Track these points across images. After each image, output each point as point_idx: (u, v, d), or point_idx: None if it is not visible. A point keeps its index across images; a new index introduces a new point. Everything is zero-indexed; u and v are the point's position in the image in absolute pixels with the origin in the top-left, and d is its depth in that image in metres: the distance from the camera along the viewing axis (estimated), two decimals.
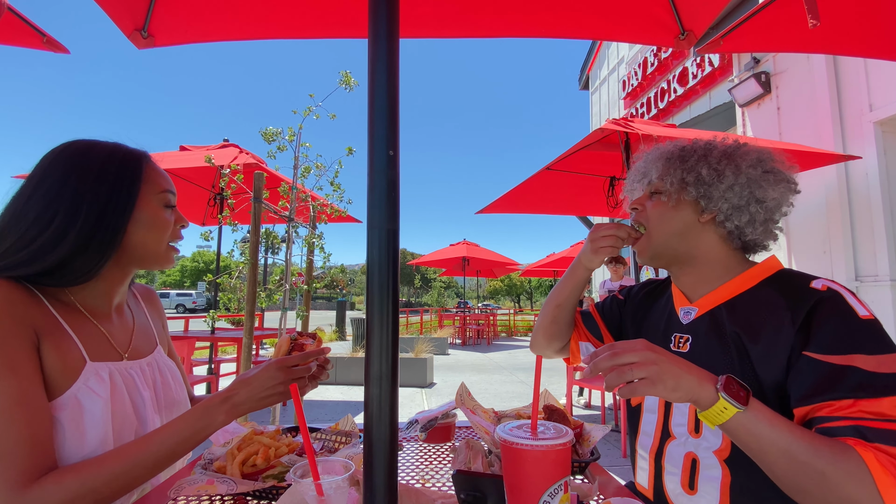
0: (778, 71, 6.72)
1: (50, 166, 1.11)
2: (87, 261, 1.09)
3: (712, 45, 2.45)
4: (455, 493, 1.01)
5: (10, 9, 2.21)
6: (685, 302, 1.33)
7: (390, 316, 0.74)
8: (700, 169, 1.25)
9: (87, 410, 1.04)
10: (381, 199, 0.76)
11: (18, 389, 0.95)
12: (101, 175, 1.12)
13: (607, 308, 1.63)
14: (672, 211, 1.30)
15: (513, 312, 27.08)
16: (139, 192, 1.16)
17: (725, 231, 1.25)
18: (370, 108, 0.79)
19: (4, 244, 1.05)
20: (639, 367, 0.90)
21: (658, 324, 1.40)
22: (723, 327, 1.19)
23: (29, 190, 1.08)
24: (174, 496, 1.04)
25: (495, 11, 1.86)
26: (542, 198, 6.51)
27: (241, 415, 1.14)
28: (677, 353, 1.21)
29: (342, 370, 8.59)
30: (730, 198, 1.21)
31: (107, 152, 1.16)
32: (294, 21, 1.88)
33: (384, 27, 0.81)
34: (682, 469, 1.21)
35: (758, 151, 1.26)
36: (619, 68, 12.77)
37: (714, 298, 1.25)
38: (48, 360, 1.02)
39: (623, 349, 0.93)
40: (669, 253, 1.32)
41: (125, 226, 1.14)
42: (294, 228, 4.36)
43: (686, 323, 1.30)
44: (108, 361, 1.14)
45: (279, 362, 1.20)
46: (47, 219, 1.05)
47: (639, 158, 1.46)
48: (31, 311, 1.02)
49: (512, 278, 71.43)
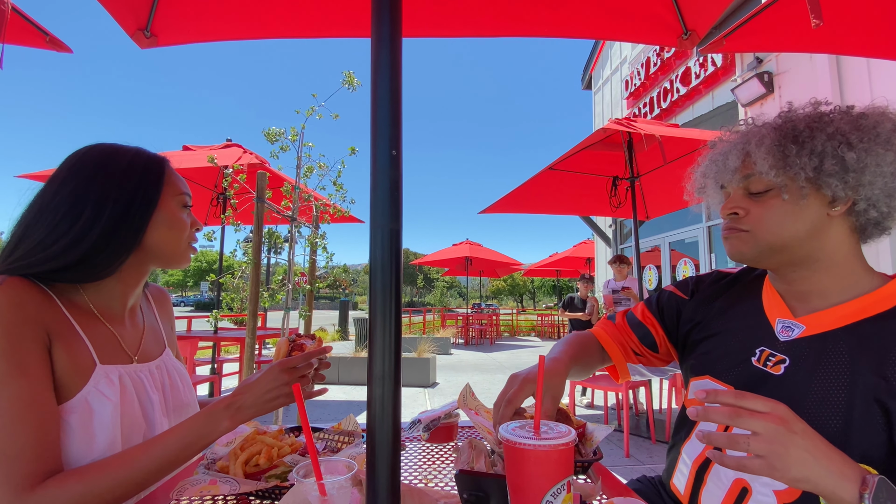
0: (781, 71, 6.71)
1: (76, 166, 1.13)
2: (108, 257, 1.11)
3: (715, 44, 2.45)
4: (458, 493, 1.01)
5: (14, 8, 2.22)
6: (786, 313, 1.09)
7: (393, 316, 0.74)
8: (843, 152, 0.96)
9: (96, 414, 1.05)
10: (383, 198, 0.76)
11: (28, 391, 0.95)
12: (126, 175, 1.15)
13: (665, 309, 1.36)
14: (797, 210, 1.02)
15: (515, 312, 27.07)
16: (161, 193, 1.19)
17: (860, 221, 1.02)
18: (373, 107, 0.79)
19: (29, 241, 1.06)
20: (760, 442, 0.73)
21: (738, 329, 1.16)
22: (841, 359, 0.96)
23: (54, 187, 1.10)
24: (177, 497, 1.04)
25: (498, 11, 1.86)
26: (545, 198, 6.50)
27: (246, 420, 1.14)
28: (762, 372, 1.06)
29: (345, 370, 8.59)
30: (877, 182, 0.96)
31: (131, 155, 1.18)
32: (297, 20, 1.88)
33: (387, 26, 0.81)
34: (727, 493, 1.06)
35: (884, 114, 1.00)
36: (621, 68, 12.77)
37: (832, 318, 1.01)
38: (59, 362, 1.02)
39: (751, 412, 0.75)
40: (784, 258, 1.07)
41: (147, 225, 1.16)
42: (297, 228, 4.37)
43: (785, 340, 1.06)
44: (117, 364, 1.15)
45: (281, 364, 1.20)
46: (74, 215, 1.07)
47: (722, 148, 1.16)
48: (43, 311, 1.02)
49: (515, 278, 71.51)
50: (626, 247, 12.58)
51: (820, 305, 1.05)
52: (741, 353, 1.12)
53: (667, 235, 10.60)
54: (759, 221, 1.06)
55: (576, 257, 18.15)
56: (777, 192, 1.04)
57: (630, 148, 5.21)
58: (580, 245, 18.42)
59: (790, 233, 1.03)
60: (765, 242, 1.06)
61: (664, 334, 1.36)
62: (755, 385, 1.07)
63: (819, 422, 0.94)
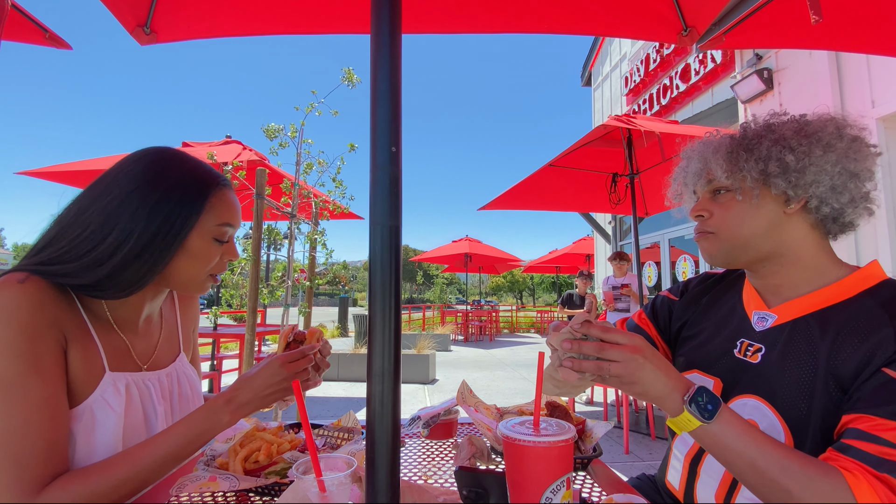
0: (780, 67, 6.71)
1: (121, 174, 1.09)
2: (122, 283, 1.07)
3: (715, 41, 2.44)
4: (457, 490, 1.01)
5: (14, 5, 2.21)
6: (761, 305, 1.17)
7: (392, 312, 0.74)
8: (783, 155, 1.07)
9: (99, 423, 1.04)
10: (383, 195, 0.76)
11: (43, 393, 0.95)
12: (162, 200, 1.08)
13: (658, 312, 1.44)
14: (752, 210, 1.12)
15: (515, 309, 27.09)
16: (195, 224, 1.12)
17: (817, 217, 1.10)
18: (372, 103, 0.79)
19: (56, 246, 1.04)
20: (618, 368, 0.91)
21: (721, 324, 1.25)
22: (807, 343, 1.05)
23: (95, 193, 1.07)
24: (177, 493, 1.04)
25: (498, 7, 1.86)
26: (545, 194, 6.50)
27: (247, 415, 1.14)
28: (743, 362, 1.14)
29: (344, 367, 8.61)
30: (823, 180, 1.05)
31: (177, 176, 1.12)
32: (296, 16, 1.87)
33: (386, 22, 0.81)
34: (721, 482, 1.11)
35: (831, 120, 1.10)
36: (621, 64, 12.75)
37: (800, 307, 1.10)
38: (73, 364, 1.02)
39: (612, 344, 0.92)
40: (750, 255, 1.16)
41: (170, 257, 1.11)
42: (296, 225, 4.37)
43: (760, 330, 1.15)
44: (126, 372, 1.13)
45: (281, 358, 1.19)
46: (101, 234, 1.03)
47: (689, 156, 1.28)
48: (62, 313, 1.02)
49: (514, 274, 71.45)
50: (625, 243, 12.57)
51: (790, 296, 1.13)
52: (724, 346, 1.20)
53: (666, 232, 10.59)
54: (722, 222, 1.16)
55: (575, 254, 18.16)
56: (732, 194, 1.15)
57: (629, 144, 5.20)
58: (580, 242, 18.43)
59: (749, 230, 1.13)
60: (728, 242, 1.16)
61: (658, 336, 1.42)
62: (737, 375, 1.14)
63: (793, 403, 1.02)
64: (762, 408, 1.06)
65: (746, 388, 1.11)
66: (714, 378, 1.19)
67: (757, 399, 1.08)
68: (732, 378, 1.15)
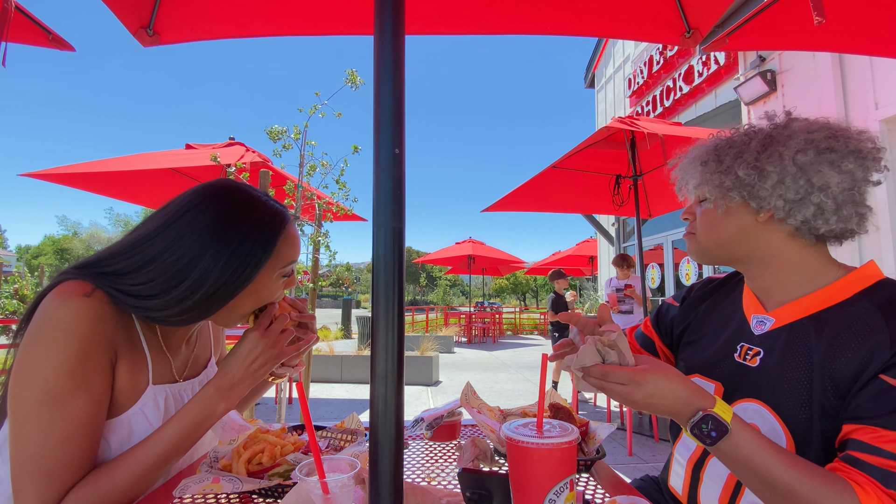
0: (783, 69, 6.69)
1: (197, 212, 1.09)
2: (189, 318, 1.08)
3: (718, 43, 2.44)
4: (461, 492, 1.01)
5: (17, 7, 2.22)
6: (759, 309, 1.17)
7: (396, 314, 0.74)
8: (737, 170, 1.10)
9: (135, 436, 1.07)
10: (386, 197, 0.76)
11: (88, 411, 0.96)
12: (240, 245, 1.08)
13: (661, 320, 1.47)
14: (723, 218, 1.16)
15: (518, 311, 27.06)
16: (262, 269, 1.12)
17: (792, 227, 1.09)
18: (376, 105, 0.79)
19: (126, 264, 1.05)
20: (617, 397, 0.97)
21: (721, 328, 1.26)
22: (804, 346, 1.04)
23: (179, 230, 1.07)
24: (180, 495, 1.04)
25: (501, 8, 1.86)
26: (548, 196, 6.50)
27: (242, 395, 1.15)
28: (742, 366, 1.15)
29: (348, 368, 8.61)
30: (782, 193, 1.05)
31: (253, 220, 1.12)
32: (299, 18, 1.88)
33: (390, 24, 0.81)
34: (724, 486, 1.11)
35: (806, 131, 1.07)
36: (624, 66, 12.74)
37: (796, 310, 1.09)
38: (120, 379, 1.05)
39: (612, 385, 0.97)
40: (725, 256, 1.20)
41: (234, 297, 1.11)
42: (300, 227, 4.37)
43: (759, 334, 1.15)
44: (165, 384, 1.16)
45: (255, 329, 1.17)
46: (180, 278, 1.04)
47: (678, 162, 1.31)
48: (119, 329, 1.04)
49: (517, 276, 71.38)
50: (628, 245, 12.56)
51: (785, 299, 1.13)
52: (725, 350, 1.21)
53: (669, 234, 10.58)
54: (700, 226, 1.23)
55: (579, 256, 18.14)
56: (707, 202, 1.20)
57: (633, 146, 5.20)
58: (583, 243, 18.40)
59: (720, 235, 1.18)
60: (703, 244, 1.22)
61: (661, 343, 1.45)
62: (738, 379, 1.15)
63: (793, 407, 1.02)
64: (763, 412, 1.06)
65: (747, 392, 1.11)
66: (715, 382, 1.19)
67: (758, 403, 1.08)
68: (733, 382, 1.15)
